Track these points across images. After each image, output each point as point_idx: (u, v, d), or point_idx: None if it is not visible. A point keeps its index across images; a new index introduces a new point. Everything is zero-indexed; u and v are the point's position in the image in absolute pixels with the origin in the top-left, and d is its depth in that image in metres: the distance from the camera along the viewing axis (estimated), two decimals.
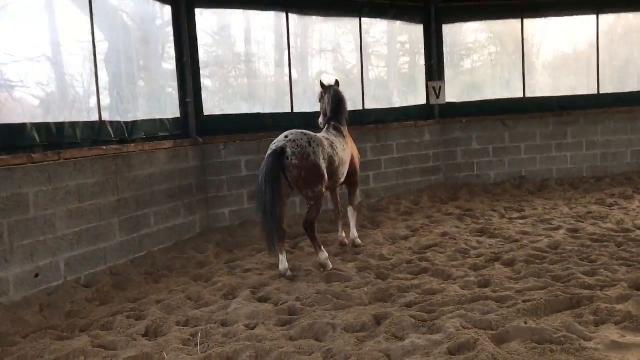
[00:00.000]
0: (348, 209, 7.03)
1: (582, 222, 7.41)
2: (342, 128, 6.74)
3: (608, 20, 10.93)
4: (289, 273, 5.80)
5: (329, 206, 7.78)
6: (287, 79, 8.99)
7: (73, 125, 6.05)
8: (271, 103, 9.20)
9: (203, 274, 6.06)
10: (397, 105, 10.43)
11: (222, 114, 8.49)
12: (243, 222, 8.22)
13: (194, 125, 7.94)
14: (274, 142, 5.92)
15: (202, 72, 8.21)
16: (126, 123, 6.78)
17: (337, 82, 7.03)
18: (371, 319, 4.44)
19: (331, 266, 5.95)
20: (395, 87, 10.87)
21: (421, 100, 10.60)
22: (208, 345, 4.14)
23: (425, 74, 10.57)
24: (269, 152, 5.81)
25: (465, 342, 3.75)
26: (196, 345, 4.17)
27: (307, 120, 8.89)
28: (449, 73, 10.93)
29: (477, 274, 5.44)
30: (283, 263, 5.85)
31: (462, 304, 4.62)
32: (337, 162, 6.17)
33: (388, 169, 9.84)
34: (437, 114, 10.57)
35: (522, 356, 3.55)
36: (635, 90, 11.14)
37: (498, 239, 6.80)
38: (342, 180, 6.55)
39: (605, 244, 6.21)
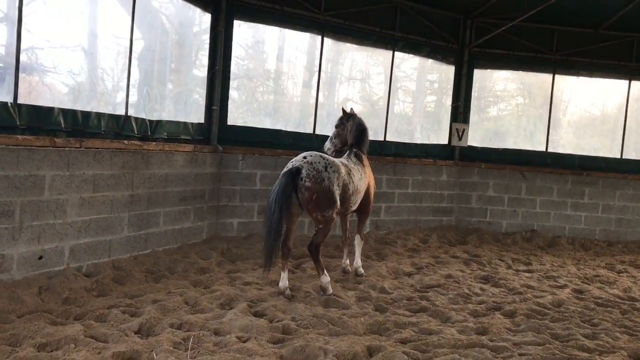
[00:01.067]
0: (355, 237, 7.03)
1: (589, 284, 7.32)
2: (363, 156, 6.77)
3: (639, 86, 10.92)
4: (287, 292, 5.79)
5: (337, 232, 7.77)
6: (314, 100, 9.07)
7: (99, 115, 6.15)
8: (294, 122, 9.27)
9: (203, 281, 6.07)
10: (419, 141, 10.44)
11: (245, 125, 8.56)
12: (250, 234, 8.23)
13: (216, 132, 8.02)
14: (292, 161, 5.97)
15: (231, 83, 8.31)
16: (150, 121, 6.87)
17: (352, 111, 7.02)
18: (364, 349, 4.40)
19: (331, 291, 5.93)
20: (418, 124, 10.90)
21: (443, 140, 10.62)
22: (198, 352, 4.13)
23: (451, 115, 10.60)
24: (284, 170, 5.85)
25: None
26: (186, 349, 4.17)
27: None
28: (474, 117, 10.95)
29: (476, 321, 5.38)
30: (283, 281, 5.84)
31: (457, 348, 4.58)
32: (351, 190, 6.16)
33: (401, 203, 9.83)
34: (457, 155, 10.57)
35: None
36: None
37: (501, 289, 6.74)
38: (354, 208, 6.52)
39: (609, 309, 6.12)
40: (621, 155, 10.89)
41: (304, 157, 5.89)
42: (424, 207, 10.14)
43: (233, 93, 8.72)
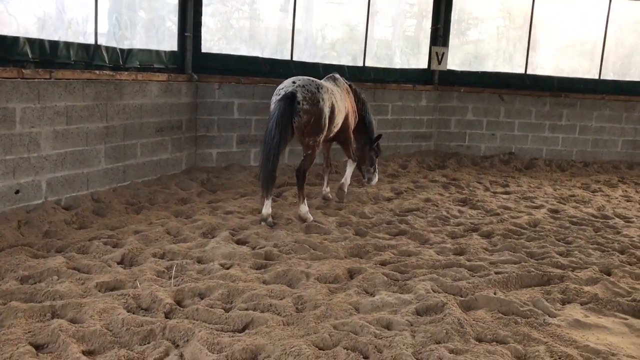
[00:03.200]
0: (348, 161, 7.01)
1: (564, 204, 7.49)
2: (339, 80, 6.68)
3: (619, 6, 10.77)
4: (270, 219, 5.83)
5: (319, 159, 7.76)
6: (290, 26, 8.82)
7: (67, 45, 5.92)
8: (271, 49, 9.04)
9: (184, 211, 6.08)
10: (398, 66, 10.30)
11: (220, 53, 8.33)
12: (230, 164, 8.20)
13: (190, 60, 7.79)
14: (281, 87, 5.87)
15: (204, 9, 8.01)
16: (122, 50, 6.65)
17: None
18: (345, 272, 4.50)
19: (311, 218, 5.98)
20: (398, 48, 10.72)
21: (423, 64, 10.48)
22: (182, 279, 4.19)
23: (430, 38, 10.41)
24: (278, 96, 5.74)
25: (434, 304, 3.83)
26: (170, 277, 4.22)
27: (305, 70, 8.79)
28: (454, 41, 10.78)
29: (454, 242, 5.51)
30: (267, 208, 5.85)
31: (436, 268, 4.70)
32: (336, 111, 6.11)
33: (380, 129, 9.76)
34: (437, 80, 10.47)
35: (487, 324, 3.63)
36: (636, 80, 11.09)
37: (479, 211, 6.86)
38: (334, 134, 6.40)
39: (583, 227, 6.29)
40: (599, 76, 10.88)
41: (294, 82, 5.83)
42: (403, 133, 10.14)
43: (207, 19, 8.42)
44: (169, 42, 7.69)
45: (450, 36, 10.56)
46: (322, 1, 9.85)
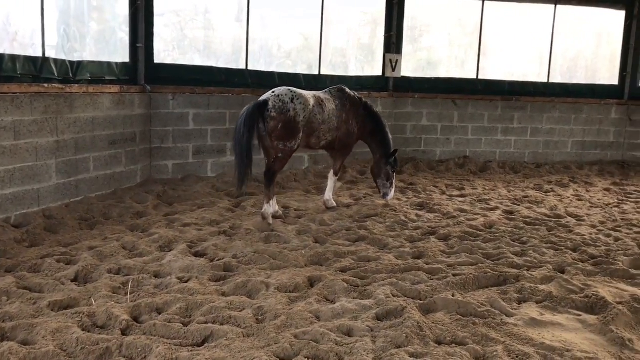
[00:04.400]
0: (330, 173, 7.13)
1: (518, 205, 7.67)
2: (348, 95, 6.83)
3: (564, 12, 11.14)
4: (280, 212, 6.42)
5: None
6: (245, 35, 8.79)
7: (13, 58, 5.75)
8: (226, 58, 9.00)
9: (140, 225, 5.96)
10: (353, 74, 10.39)
11: (174, 63, 8.24)
12: (186, 176, 8.09)
13: (143, 72, 7.68)
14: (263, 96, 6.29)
15: (158, 19, 7.91)
16: (71, 62, 6.50)
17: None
18: (305, 280, 4.49)
19: (270, 221, 6.14)
20: (352, 56, 10.81)
21: (377, 71, 10.59)
22: (138, 295, 4.10)
23: (384, 46, 10.54)
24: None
25: (394, 309, 3.85)
26: (126, 293, 4.12)
27: (260, 79, 8.80)
28: (408, 48, 10.94)
29: (413, 246, 5.56)
30: (270, 206, 6.23)
31: (395, 272, 4.73)
32: (319, 121, 6.35)
33: None
34: (392, 86, 10.60)
35: (445, 326, 3.68)
36: (582, 82, 11.49)
37: (436, 214, 6.96)
38: (325, 143, 6.63)
39: (537, 227, 6.45)
40: (548, 79, 11.23)
41: (273, 92, 6.21)
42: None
43: (161, 30, 8.32)
44: (121, 53, 7.56)
45: (404, 43, 10.71)
46: (277, 10, 9.86)
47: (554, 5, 11.00)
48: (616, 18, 11.40)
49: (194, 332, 3.50)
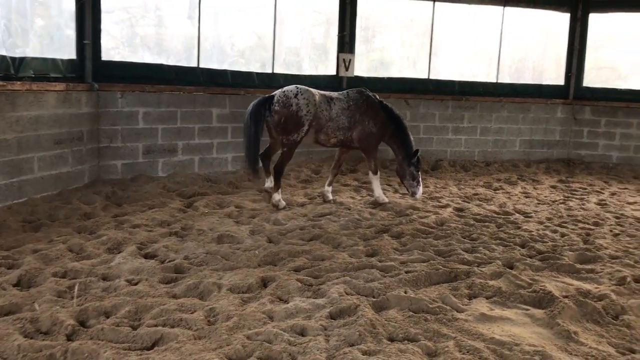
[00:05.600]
0: (369, 174, 7.46)
1: (469, 202, 7.81)
2: (366, 97, 7.13)
3: (512, 13, 11.43)
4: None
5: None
6: (197, 32, 8.65)
7: None
8: (177, 56, 8.83)
9: (88, 226, 5.78)
10: (307, 73, 10.37)
11: (123, 60, 8.04)
12: (136, 176, 7.90)
13: (91, 69, 7.47)
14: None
15: (106, 16, 7.70)
16: (13, 59, 6.25)
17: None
18: (258, 281, 4.44)
19: (283, 205, 6.82)
20: (306, 55, 10.80)
21: (331, 71, 10.61)
22: (85, 299, 3.97)
23: (337, 45, 10.57)
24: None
25: (347, 307, 3.85)
26: (72, 297, 3.99)
27: (213, 77, 8.69)
28: (362, 48, 11.00)
29: (366, 244, 5.59)
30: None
31: (349, 271, 4.74)
32: (325, 118, 6.76)
33: None
34: (345, 86, 10.62)
35: (398, 323, 3.70)
36: (530, 82, 11.82)
37: (389, 212, 7.01)
38: (335, 141, 7.02)
39: (486, 224, 6.58)
40: (497, 79, 11.50)
41: (283, 89, 6.72)
42: None
43: (110, 27, 8.10)
44: (67, 50, 7.32)
45: (357, 43, 10.77)
46: (230, 8, 9.75)
47: (502, 7, 11.27)
48: (561, 20, 11.77)
49: (143, 336, 3.41)
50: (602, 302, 4.16)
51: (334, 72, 10.55)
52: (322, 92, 6.90)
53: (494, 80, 11.50)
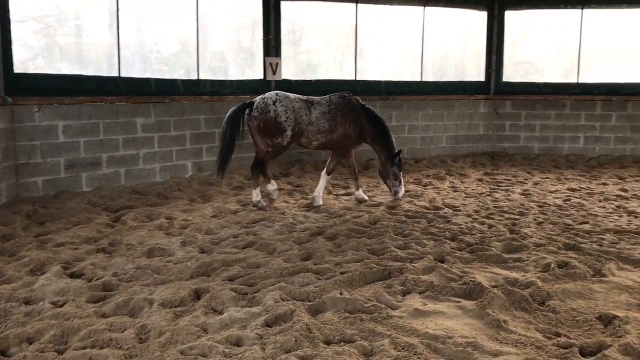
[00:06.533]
0: (322, 172, 7.63)
1: (400, 199, 7.94)
2: (348, 101, 7.40)
3: (432, 13, 11.73)
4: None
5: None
6: (116, 40, 8.37)
7: None
8: (97, 66, 8.52)
9: (7, 248, 5.47)
10: (234, 77, 10.26)
11: (38, 72, 7.67)
12: (59, 192, 7.55)
13: (2, 83, 7.08)
14: None
15: (18, 26, 7.31)
16: None
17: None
18: (191, 293, 4.34)
19: (263, 204, 7.17)
20: (232, 59, 10.68)
21: (258, 75, 10.54)
22: (5, 326, 3.75)
23: (263, 49, 10.51)
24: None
25: (282, 313, 3.82)
26: None
27: (135, 86, 8.45)
28: (289, 51, 11.00)
29: (301, 247, 5.57)
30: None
31: (284, 276, 4.71)
32: (305, 122, 7.02)
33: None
34: (273, 90, 10.58)
35: (334, 325, 3.70)
36: (452, 80, 12.17)
37: (324, 214, 7.03)
38: (317, 143, 7.27)
39: (417, 219, 6.71)
40: (421, 78, 11.77)
41: (262, 96, 7.00)
42: (245, 144, 10.07)
43: (26, 37, 7.70)
44: None
45: (284, 46, 10.76)
46: (151, 15, 9.50)
47: (422, 7, 11.56)
48: (479, 18, 12.19)
49: None
50: (529, 289, 4.32)
51: (261, 77, 10.49)
52: (303, 97, 7.19)
53: (419, 79, 11.77)
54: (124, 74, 8.43)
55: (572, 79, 12.12)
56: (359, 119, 7.43)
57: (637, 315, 3.85)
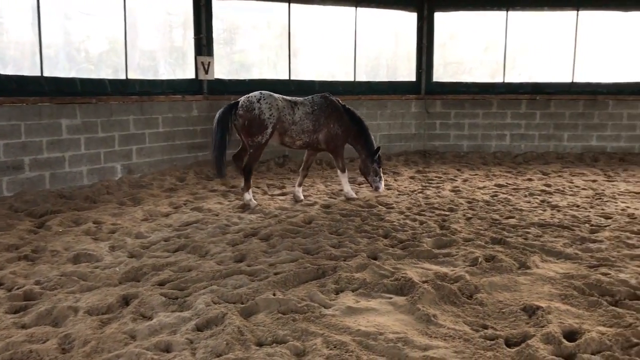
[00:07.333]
0: (338, 172, 8.00)
1: (335, 198, 8.00)
2: (330, 101, 7.62)
3: (364, 13, 11.88)
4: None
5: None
6: (37, 39, 8.00)
7: None
8: (18, 64, 8.13)
9: None
10: (165, 77, 10.03)
11: None
12: None
13: None
14: None
15: None
16: None
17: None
18: (119, 299, 4.20)
19: (254, 204, 7.26)
20: (162, 59, 10.43)
21: (190, 74, 10.36)
22: None
23: (195, 48, 10.34)
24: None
25: (214, 317, 3.76)
26: None
27: (59, 86, 8.13)
28: (223, 50, 10.86)
29: (234, 249, 5.50)
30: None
31: (216, 279, 4.63)
32: (289, 122, 7.22)
33: (153, 143, 9.45)
34: (206, 89, 10.44)
35: (267, 327, 3.67)
36: (385, 80, 12.36)
37: (259, 215, 6.98)
38: (301, 143, 7.47)
39: (352, 218, 6.76)
40: (354, 78, 11.89)
41: (247, 95, 7.18)
42: (178, 145, 9.91)
43: None
44: None
45: (217, 46, 10.61)
46: (76, 13, 9.14)
47: (355, 8, 11.68)
48: (409, 19, 12.44)
49: None
50: (458, 283, 4.44)
51: (193, 76, 10.31)
52: (286, 97, 7.40)
53: (352, 79, 11.88)
54: (47, 74, 8.08)
55: (499, 79, 12.58)
56: (343, 118, 7.70)
57: (558, 305, 4.02)
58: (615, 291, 4.29)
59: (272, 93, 7.28)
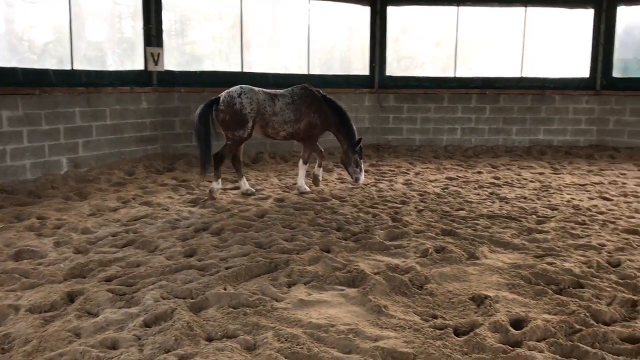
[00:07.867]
0: (299, 162, 7.95)
1: (288, 192, 7.96)
2: (310, 92, 7.74)
3: (318, 6, 11.85)
4: (250, 190, 7.63)
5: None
6: None
7: None
8: None
9: None
10: (112, 68, 9.75)
11: None
12: None
13: None
14: None
15: None
16: None
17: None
18: (64, 296, 4.06)
19: (215, 196, 7.31)
20: (110, 49, 10.14)
21: (139, 66, 10.11)
22: None
23: (144, 39, 10.09)
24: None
25: (162, 312, 3.68)
26: None
27: (6, 78, 7.81)
28: (174, 42, 10.65)
29: (185, 244, 5.40)
30: (215, 184, 7.41)
31: (165, 274, 4.54)
32: (269, 113, 7.34)
33: (100, 136, 9.19)
34: (156, 81, 10.22)
35: (217, 321, 3.61)
36: (339, 73, 12.38)
37: (210, 209, 6.87)
38: (284, 133, 7.60)
39: (305, 211, 6.74)
40: (308, 71, 11.86)
41: (227, 90, 7.28)
42: (126, 138, 9.66)
43: None
44: None
45: (168, 37, 10.40)
46: (18, 1, 8.77)
47: (307, 0, 11.62)
48: (363, 13, 12.48)
49: None
50: (409, 274, 4.48)
51: (142, 67, 10.07)
52: (267, 90, 7.49)
53: (306, 72, 11.84)
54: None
55: (450, 74, 12.78)
56: (322, 108, 7.77)
57: (506, 294, 4.11)
58: (560, 280, 4.41)
59: (252, 87, 7.37)
